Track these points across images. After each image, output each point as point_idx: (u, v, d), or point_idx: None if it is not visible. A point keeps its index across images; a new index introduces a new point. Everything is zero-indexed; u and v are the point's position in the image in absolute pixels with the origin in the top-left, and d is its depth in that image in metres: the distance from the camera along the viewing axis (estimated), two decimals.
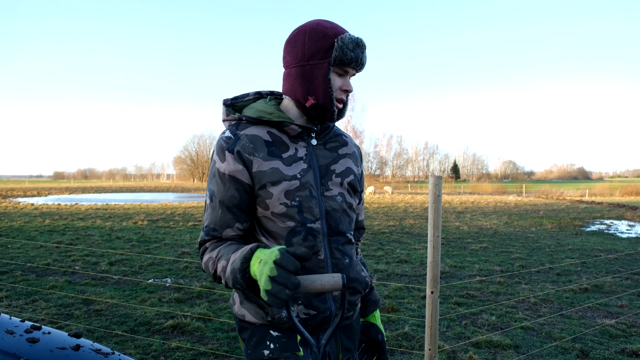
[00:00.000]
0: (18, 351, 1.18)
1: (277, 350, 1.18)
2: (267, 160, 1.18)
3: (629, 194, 36.58)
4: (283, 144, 1.22)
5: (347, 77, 1.22)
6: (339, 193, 1.25)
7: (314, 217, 1.19)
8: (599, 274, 6.47)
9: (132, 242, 9.03)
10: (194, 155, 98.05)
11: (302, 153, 1.23)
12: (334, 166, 1.27)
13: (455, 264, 7.11)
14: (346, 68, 1.20)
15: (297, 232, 1.18)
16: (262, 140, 1.21)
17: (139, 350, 3.42)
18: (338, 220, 1.23)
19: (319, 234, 1.20)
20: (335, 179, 1.25)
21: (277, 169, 1.18)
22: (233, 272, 1.05)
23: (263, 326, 1.23)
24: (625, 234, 11.70)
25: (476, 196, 34.93)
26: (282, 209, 1.17)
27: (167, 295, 4.96)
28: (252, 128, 1.22)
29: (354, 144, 1.40)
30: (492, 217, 15.72)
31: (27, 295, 4.87)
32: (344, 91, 1.22)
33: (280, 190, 1.17)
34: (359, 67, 1.21)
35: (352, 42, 1.17)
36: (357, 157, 1.37)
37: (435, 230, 2.49)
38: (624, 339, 3.88)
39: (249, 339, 1.24)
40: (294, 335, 1.21)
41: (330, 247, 1.22)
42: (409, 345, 3.63)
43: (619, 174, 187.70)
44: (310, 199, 1.19)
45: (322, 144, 1.29)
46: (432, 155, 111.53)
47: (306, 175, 1.21)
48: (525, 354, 3.53)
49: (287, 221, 1.18)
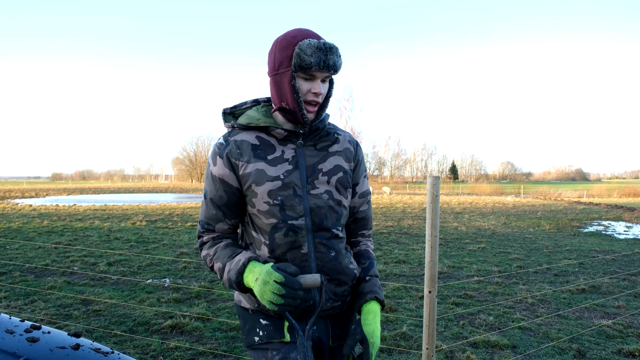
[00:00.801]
0: (18, 350, 1.19)
1: (265, 337, 1.32)
2: (252, 162, 1.30)
3: (627, 195, 36.66)
4: (270, 146, 1.33)
5: (315, 81, 1.28)
6: (326, 191, 1.33)
7: (297, 214, 1.29)
8: (596, 275, 6.50)
9: (131, 242, 9.03)
10: (192, 156, 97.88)
11: (289, 154, 1.33)
12: (322, 165, 1.35)
13: (453, 264, 7.13)
14: (311, 72, 1.26)
15: (279, 229, 1.29)
16: (249, 144, 1.33)
17: (138, 350, 3.43)
18: (323, 216, 1.32)
19: (301, 230, 1.30)
20: (322, 177, 1.33)
21: (262, 170, 1.29)
22: (229, 282, 1.25)
23: (255, 314, 1.36)
24: (622, 235, 11.73)
25: (474, 197, 34.96)
26: (266, 207, 1.29)
27: (166, 295, 4.96)
28: (243, 134, 1.35)
29: (348, 140, 1.44)
30: (490, 218, 15.75)
31: (26, 296, 4.87)
32: (313, 94, 1.28)
33: (263, 190, 1.29)
34: (323, 69, 1.25)
35: (311, 48, 1.23)
36: (349, 154, 1.41)
37: (433, 230, 2.51)
38: (620, 339, 3.90)
39: (244, 326, 1.39)
40: (281, 323, 1.33)
41: (315, 241, 1.31)
42: (407, 345, 3.65)
43: (616, 175, 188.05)
44: (293, 198, 1.29)
45: (312, 145, 1.37)
46: (431, 156, 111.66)
47: (290, 176, 1.30)
48: (523, 354, 3.54)
49: (270, 218, 1.29)
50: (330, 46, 1.25)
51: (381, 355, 3.47)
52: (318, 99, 1.29)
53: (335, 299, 1.35)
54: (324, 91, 1.30)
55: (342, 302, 1.38)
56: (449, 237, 10.49)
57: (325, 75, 1.28)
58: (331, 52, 1.25)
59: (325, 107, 1.34)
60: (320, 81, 1.29)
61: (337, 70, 1.28)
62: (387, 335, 3.83)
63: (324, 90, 1.30)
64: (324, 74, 1.28)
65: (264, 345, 1.32)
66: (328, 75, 1.29)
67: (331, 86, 1.34)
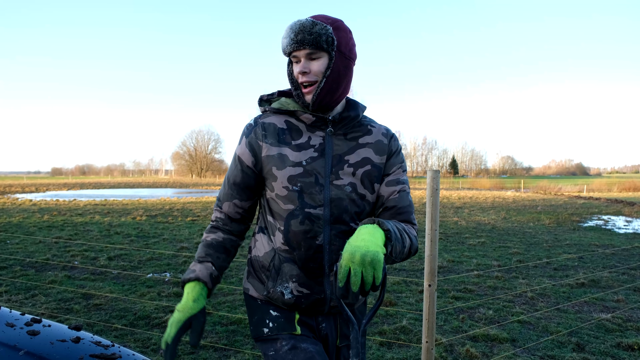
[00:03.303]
0: (19, 343, 1.19)
1: (275, 329, 1.28)
2: (276, 146, 1.29)
3: (627, 189, 36.66)
4: (297, 131, 1.31)
5: (301, 62, 1.25)
6: (349, 183, 1.28)
7: (316, 203, 1.25)
8: (595, 269, 6.51)
9: (131, 237, 9.04)
10: (192, 150, 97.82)
11: (316, 141, 1.29)
12: (349, 156, 1.30)
13: (453, 258, 7.14)
14: (294, 54, 1.26)
15: (296, 216, 1.25)
16: (276, 128, 1.31)
17: (139, 344, 3.44)
18: (343, 208, 1.26)
19: (318, 220, 1.25)
20: (348, 168, 1.28)
21: (285, 155, 1.27)
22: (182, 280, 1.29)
23: (264, 304, 1.32)
24: (622, 229, 11.73)
25: (474, 191, 34.97)
26: (284, 192, 1.26)
27: (166, 289, 4.98)
28: (272, 117, 1.34)
29: (382, 132, 1.37)
30: (490, 213, 15.76)
31: (27, 290, 4.88)
32: (300, 74, 1.26)
33: (284, 175, 1.26)
34: (296, 48, 1.22)
35: (286, 30, 1.25)
36: (382, 146, 1.34)
37: (433, 224, 2.51)
38: (619, 333, 3.91)
39: (251, 317, 1.35)
40: (292, 315, 1.29)
41: (331, 234, 1.26)
42: (407, 339, 3.66)
43: (617, 169, 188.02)
44: (314, 185, 1.25)
45: (341, 134, 1.32)
46: (431, 151, 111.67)
47: (313, 163, 1.27)
48: (522, 348, 3.55)
49: (287, 204, 1.26)
50: (301, 23, 1.21)
51: (381, 349, 3.48)
52: (306, 77, 1.25)
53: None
54: (312, 69, 1.24)
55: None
56: (449, 232, 10.50)
57: (305, 52, 1.22)
58: (301, 29, 1.20)
59: (327, 87, 1.25)
60: (304, 60, 1.24)
61: (315, 44, 1.20)
62: (387, 329, 3.84)
63: (312, 69, 1.24)
64: (304, 52, 1.23)
65: (273, 336, 1.28)
66: (310, 52, 1.22)
67: (331, 63, 1.24)
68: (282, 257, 1.28)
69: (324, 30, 1.21)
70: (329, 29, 1.22)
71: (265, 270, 1.31)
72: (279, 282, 1.28)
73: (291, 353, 1.22)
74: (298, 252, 1.26)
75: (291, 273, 1.27)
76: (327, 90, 1.25)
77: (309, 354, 1.21)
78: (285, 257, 1.28)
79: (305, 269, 1.26)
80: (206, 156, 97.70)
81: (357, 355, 1.07)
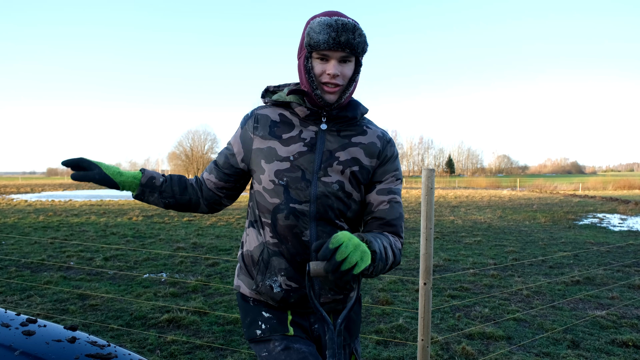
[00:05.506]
0: (14, 343, 1.19)
1: (267, 331, 1.28)
2: (266, 139, 1.29)
3: (622, 187, 36.89)
4: (289, 125, 1.30)
5: (330, 62, 1.20)
6: (337, 180, 1.26)
7: (301, 199, 1.24)
8: (590, 267, 6.55)
9: (127, 237, 9.01)
10: (188, 150, 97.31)
11: (307, 135, 1.28)
12: (339, 153, 1.28)
13: (449, 257, 7.17)
14: (322, 52, 1.19)
15: (281, 210, 1.25)
16: (269, 120, 1.31)
17: (135, 344, 3.44)
18: (328, 206, 1.25)
19: (304, 216, 1.24)
20: (337, 165, 1.26)
21: (273, 149, 1.27)
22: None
23: (256, 305, 1.32)
24: (617, 227, 11.81)
25: (471, 190, 35.07)
26: (271, 186, 1.26)
27: (163, 289, 4.97)
28: (268, 109, 1.34)
29: (377, 135, 1.34)
30: (487, 211, 15.81)
31: (22, 291, 4.86)
32: (328, 75, 1.20)
33: (271, 169, 1.26)
34: (334, 48, 1.16)
35: (321, 25, 1.16)
36: (373, 149, 1.32)
37: (428, 222, 2.52)
38: (614, 329, 3.94)
39: (244, 319, 1.34)
40: (285, 316, 1.29)
41: (317, 230, 1.25)
42: (403, 337, 3.67)
43: (612, 168, 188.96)
44: (300, 181, 1.24)
45: (335, 131, 1.30)
46: (427, 150, 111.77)
47: (301, 158, 1.25)
48: (517, 345, 3.57)
49: (274, 197, 1.26)
50: (345, 23, 1.15)
51: (377, 348, 3.49)
52: (335, 80, 1.20)
53: (336, 289, 1.30)
54: (343, 73, 1.21)
55: (345, 296, 1.32)
56: (445, 231, 10.53)
57: (340, 55, 1.19)
58: (344, 30, 1.15)
59: (348, 91, 1.25)
60: (336, 62, 1.19)
61: (354, 49, 1.18)
62: (384, 328, 3.85)
63: (343, 72, 1.21)
64: (338, 54, 1.18)
65: (266, 337, 1.28)
66: (345, 56, 1.19)
67: (357, 70, 1.24)
68: (271, 251, 1.28)
69: (365, 37, 1.19)
70: (365, 35, 1.20)
71: (255, 264, 1.31)
72: (267, 276, 1.28)
73: (284, 354, 1.22)
74: (286, 246, 1.26)
75: (280, 267, 1.27)
76: (350, 95, 1.27)
77: (302, 354, 1.21)
78: (274, 250, 1.27)
79: (293, 262, 1.26)
80: (203, 156, 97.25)
81: (333, 355, 1.08)
